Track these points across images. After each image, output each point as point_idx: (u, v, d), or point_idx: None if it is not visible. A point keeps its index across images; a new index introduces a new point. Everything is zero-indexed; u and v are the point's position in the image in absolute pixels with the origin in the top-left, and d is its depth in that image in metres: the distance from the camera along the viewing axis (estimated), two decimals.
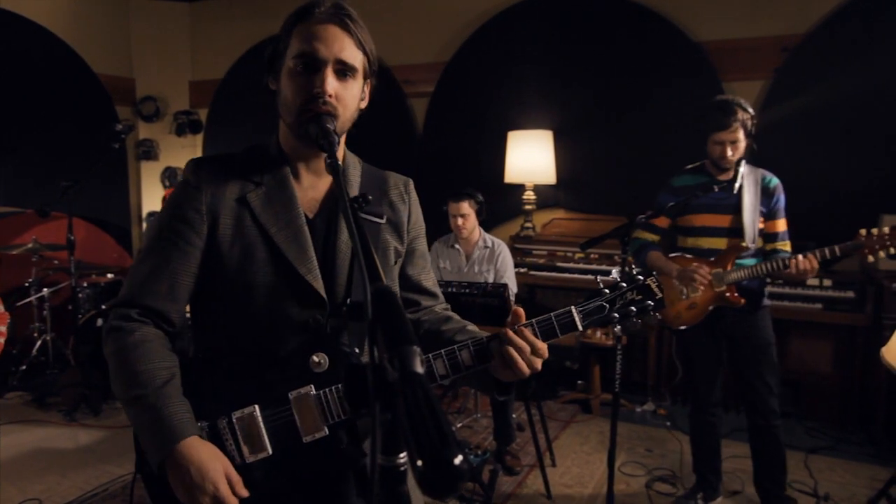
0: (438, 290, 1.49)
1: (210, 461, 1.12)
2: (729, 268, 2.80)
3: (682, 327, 2.95)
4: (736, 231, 2.82)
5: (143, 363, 1.18)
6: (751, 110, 2.75)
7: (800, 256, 2.64)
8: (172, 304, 1.25)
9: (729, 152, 2.75)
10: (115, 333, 1.23)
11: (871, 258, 2.61)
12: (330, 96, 1.19)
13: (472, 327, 1.35)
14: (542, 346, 1.21)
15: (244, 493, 1.15)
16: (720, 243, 2.86)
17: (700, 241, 2.91)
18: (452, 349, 1.21)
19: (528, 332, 1.20)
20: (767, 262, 2.73)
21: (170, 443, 1.12)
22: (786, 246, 2.86)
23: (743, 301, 2.79)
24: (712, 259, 2.84)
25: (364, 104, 1.30)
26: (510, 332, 1.19)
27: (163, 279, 1.23)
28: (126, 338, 1.21)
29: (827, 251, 2.63)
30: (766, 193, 2.83)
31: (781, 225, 2.87)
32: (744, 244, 2.77)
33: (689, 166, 2.97)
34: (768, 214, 2.85)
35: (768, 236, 2.88)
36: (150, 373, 1.18)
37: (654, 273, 1.33)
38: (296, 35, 1.21)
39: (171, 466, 1.12)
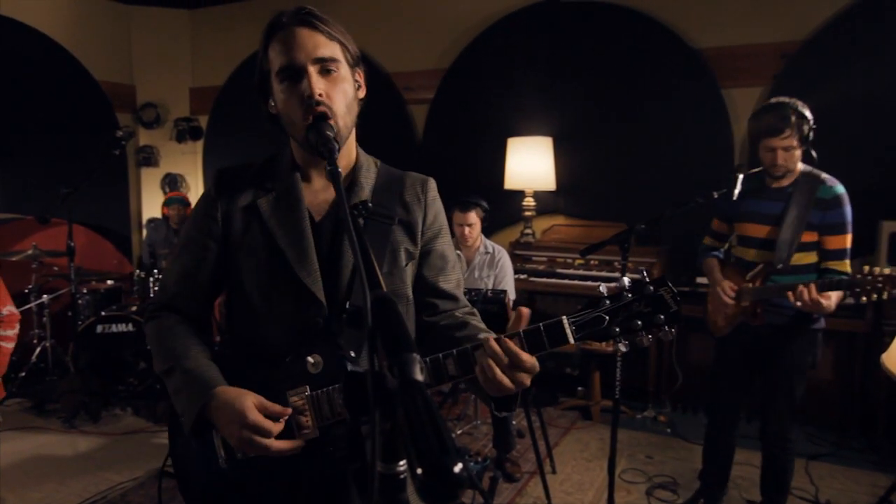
0: (460, 293, 1.42)
1: (240, 396, 1.18)
2: (757, 283, 2.67)
3: (719, 335, 2.89)
4: (770, 244, 2.65)
5: (176, 340, 1.31)
6: (809, 115, 2.54)
7: (801, 287, 2.42)
8: (195, 306, 1.38)
9: (780, 160, 2.56)
10: (152, 321, 1.37)
11: (863, 299, 2.41)
12: (320, 95, 1.20)
13: (486, 335, 1.26)
14: (527, 360, 1.08)
15: (282, 410, 1.18)
16: (753, 255, 2.73)
17: (742, 251, 2.80)
18: (437, 357, 1.14)
19: (510, 343, 1.09)
20: (780, 286, 2.58)
21: (206, 392, 1.20)
22: (841, 266, 2.58)
23: (759, 322, 2.68)
24: (750, 272, 2.72)
25: (361, 93, 1.31)
26: (490, 341, 1.09)
27: (186, 283, 1.36)
28: (163, 322, 1.35)
29: (826, 285, 2.50)
30: (820, 204, 2.56)
31: (839, 241, 2.57)
32: (776, 265, 2.60)
33: (751, 171, 2.75)
34: (821, 227, 2.57)
35: (822, 252, 2.62)
36: (185, 346, 1.29)
37: (669, 283, 1.15)
38: (271, 52, 1.24)
39: (212, 413, 1.19)
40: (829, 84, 4.05)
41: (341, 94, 1.23)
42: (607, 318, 1.13)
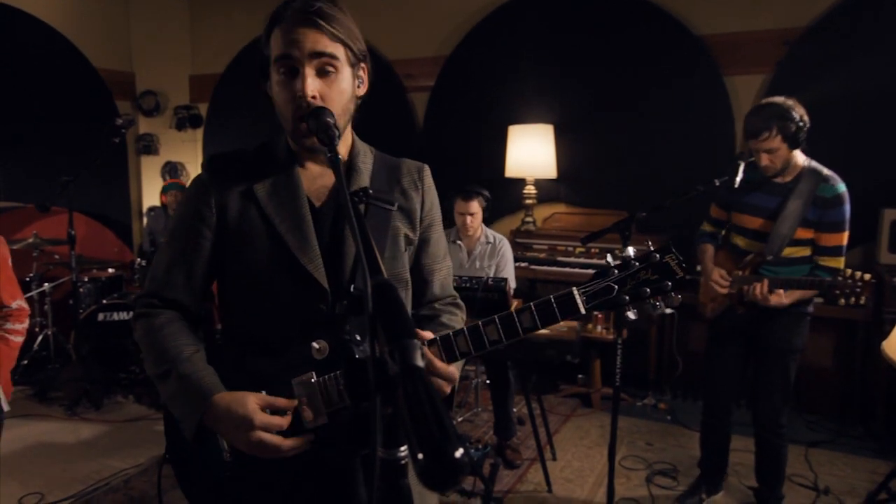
0: (448, 284, 1.47)
1: (241, 399, 1.17)
2: (747, 272, 2.74)
3: (710, 316, 2.94)
4: (762, 236, 2.70)
5: (170, 340, 1.26)
6: (795, 116, 2.51)
7: (755, 283, 2.56)
8: (188, 295, 1.32)
9: (765, 161, 2.59)
10: (142, 319, 1.31)
11: (841, 301, 2.46)
12: (313, 97, 1.19)
13: (450, 323, 1.37)
14: (444, 369, 1.17)
15: (288, 403, 1.18)
16: (745, 244, 2.80)
17: (736, 238, 2.86)
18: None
19: (428, 351, 1.18)
20: (767, 278, 2.60)
21: (204, 401, 1.18)
22: (833, 262, 2.60)
23: (742, 310, 2.74)
24: (744, 260, 2.78)
25: (362, 90, 1.30)
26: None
27: (178, 272, 1.31)
28: (153, 321, 1.30)
29: (806, 283, 2.57)
30: (819, 202, 2.57)
31: (835, 239, 2.59)
32: (766, 256, 2.66)
33: (752, 159, 2.76)
34: (818, 224, 2.59)
35: (816, 248, 2.65)
36: (178, 348, 1.25)
37: (674, 249, 1.17)
38: (273, 40, 1.23)
39: (212, 421, 1.18)
40: (832, 71, 4.04)
41: (337, 94, 1.22)
42: (616, 286, 1.16)
